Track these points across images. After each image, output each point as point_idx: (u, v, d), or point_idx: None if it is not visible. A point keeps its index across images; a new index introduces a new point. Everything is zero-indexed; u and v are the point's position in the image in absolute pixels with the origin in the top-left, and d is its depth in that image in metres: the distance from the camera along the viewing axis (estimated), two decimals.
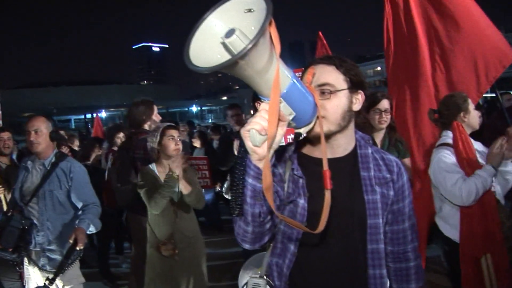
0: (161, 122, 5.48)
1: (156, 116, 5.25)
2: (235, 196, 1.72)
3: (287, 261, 1.99)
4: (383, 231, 2.05)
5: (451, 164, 3.68)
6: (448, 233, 3.81)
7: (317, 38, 8.43)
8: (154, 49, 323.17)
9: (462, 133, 3.69)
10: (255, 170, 1.64)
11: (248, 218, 1.75)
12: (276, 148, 1.58)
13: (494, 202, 3.62)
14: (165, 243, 4.21)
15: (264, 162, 1.51)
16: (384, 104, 4.31)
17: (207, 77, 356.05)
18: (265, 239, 1.91)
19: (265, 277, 2.08)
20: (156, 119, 5.23)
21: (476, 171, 3.55)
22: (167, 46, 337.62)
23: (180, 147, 4.43)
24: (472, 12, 4.48)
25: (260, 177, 1.62)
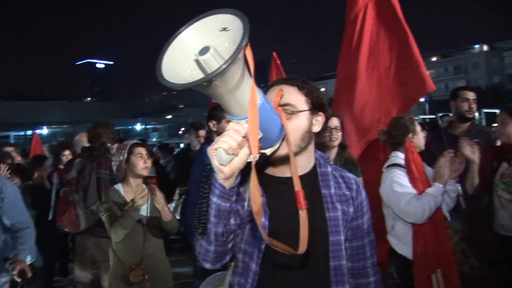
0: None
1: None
2: (199, 214, 1.72)
3: (250, 280, 1.96)
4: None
5: (403, 184, 3.77)
6: (401, 251, 3.88)
7: (271, 59, 8.46)
8: (99, 65, 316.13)
9: (414, 153, 3.80)
10: (221, 189, 1.62)
11: (211, 237, 1.75)
12: (241, 168, 1.58)
13: (443, 218, 3.77)
14: (133, 268, 3.88)
15: (252, 183, 1.50)
16: (334, 121, 4.43)
17: (152, 95, 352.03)
18: (226, 259, 1.90)
19: None
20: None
21: (426, 189, 3.68)
22: (112, 63, 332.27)
23: (149, 166, 4.21)
24: (407, 40, 4.73)
25: (225, 196, 1.63)
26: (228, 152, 1.50)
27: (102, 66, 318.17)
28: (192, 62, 1.46)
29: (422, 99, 4.99)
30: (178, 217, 6.00)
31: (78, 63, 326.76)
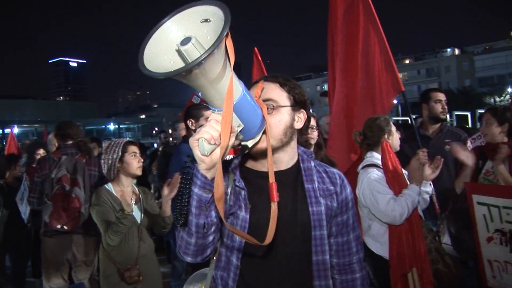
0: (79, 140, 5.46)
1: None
2: (180, 206, 1.72)
3: (232, 274, 1.98)
4: (328, 243, 2.08)
5: (381, 184, 3.80)
6: (379, 251, 3.89)
7: (253, 54, 8.40)
8: (72, 64, 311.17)
9: (390, 153, 3.83)
10: (202, 179, 1.63)
11: (192, 229, 1.74)
12: (224, 159, 1.59)
13: (419, 218, 3.79)
14: (128, 269, 3.77)
15: (217, 171, 1.52)
16: (310, 121, 4.43)
17: (125, 94, 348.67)
18: (207, 252, 1.89)
19: None
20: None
21: (403, 190, 3.71)
22: (85, 62, 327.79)
23: (141, 165, 4.08)
24: (382, 42, 4.81)
25: (206, 186, 1.64)
26: (209, 142, 1.51)
27: (75, 64, 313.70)
28: (174, 53, 1.47)
29: (395, 101, 5.05)
30: None
31: (51, 61, 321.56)
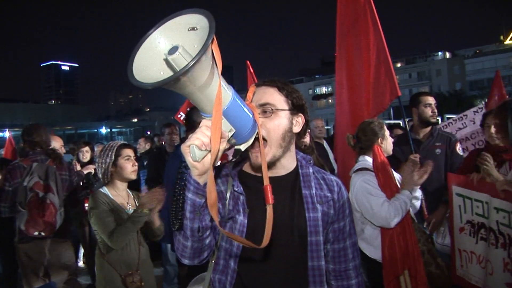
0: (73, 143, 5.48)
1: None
2: (175, 210, 1.74)
3: (229, 277, 2.00)
4: (324, 249, 2.10)
5: (374, 187, 3.80)
6: (372, 254, 3.90)
7: (245, 65, 8.87)
8: (64, 67, 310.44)
9: (381, 156, 3.87)
10: (195, 185, 1.66)
11: (187, 233, 1.78)
12: (216, 164, 1.61)
13: (411, 221, 3.83)
14: (131, 274, 3.69)
15: (209, 177, 1.53)
16: None
17: (117, 98, 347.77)
18: (204, 255, 1.92)
19: None
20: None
21: (396, 195, 3.73)
22: (77, 66, 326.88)
23: (136, 169, 4.00)
24: (382, 45, 4.82)
25: (199, 192, 1.67)
26: (200, 148, 1.53)
27: (67, 68, 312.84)
28: (162, 62, 1.48)
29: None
30: None
31: (42, 65, 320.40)
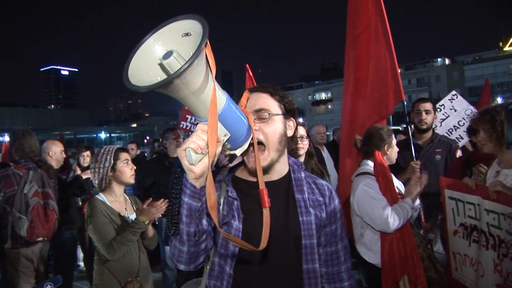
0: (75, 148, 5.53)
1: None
2: (171, 215, 1.73)
3: (225, 282, 2.00)
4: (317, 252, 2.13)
5: (375, 191, 3.81)
6: (371, 259, 3.92)
7: (245, 70, 8.74)
8: (63, 72, 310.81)
9: (382, 161, 3.90)
10: (192, 188, 1.65)
11: (184, 237, 1.77)
12: (211, 167, 1.60)
13: (410, 227, 3.84)
14: (131, 281, 3.61)
15: (208, 180, 1.54)
16: (299, 130, 4.43)
17: (117, 103, 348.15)
18: (200, 260, 1.91)
19: None
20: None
21: (399, 202, 3.76)
22: (77, 70, 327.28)
23: (134, 173, 3.91)
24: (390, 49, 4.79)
25: (196, 195, 1.67)
26: (196, 151, 1.53)
27: (66, 73, 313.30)
28: (158, 68, 1.49)
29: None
30: None
31: (42, 69, 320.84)
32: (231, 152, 1.75)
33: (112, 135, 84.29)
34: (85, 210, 3.83)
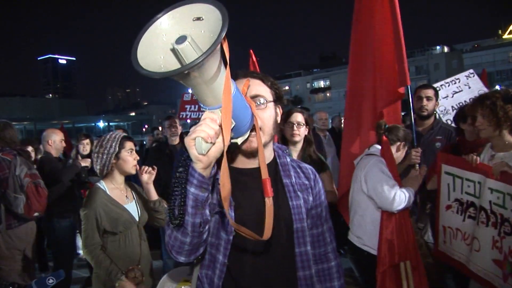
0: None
1: None
2: (173, 207, 1.68)
3: (218, 271, 1.98)
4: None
5: (386, 170, 3.93)
6: (366, 243, 4.00)
7: (248, 55, 8.63)
8: (61, 61, 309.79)
9: (388, 147, 4.04)
10: (200, 179, 1.61)
11: (188, 229, 1.71)
12: (218, 156, 1.59)
13: (409, 214, 3.96)
14: (132, 269, 3.55)
15: (222, 169, 1.54)
16: (297, 117, 4.49)
17: (115, 92, 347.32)
18: (200, 251, 1.87)
19: None
20: None
21: (405, 187, 3.89)
22: (74, 59, 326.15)
23: (136, 163, 3.85)
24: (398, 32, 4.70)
25: (204, 185, 1.63)
26: (206, 140, 1.51)
27: (64, 62, 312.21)
28: (167, 49, 1.46)
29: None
30: None
31: (39, 58, 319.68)
32: (232, 141, 1.71)
33: (110, 124, 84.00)
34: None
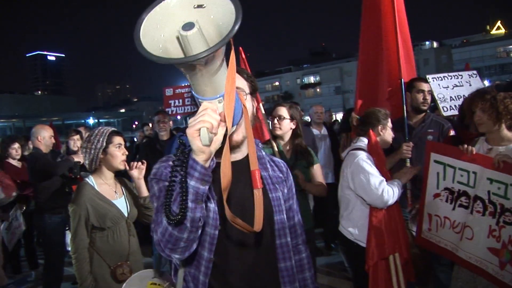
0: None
1: None
2: (169, 202, 1.62)
3: (203, 268, 1.96)
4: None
5: (372, 166, 3.93)
6: (356, 236, 4.03)
7: (238, 52, 8.61)
8: (50, 58, 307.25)
9: (375, 140, 4.09)
10: (202, 171, 1.56)
11: (187, 225, 1.64)
12: (219, 147, 1.58)
13: (399, 207, 4.03)
14: (120, 265, 3.54)
15: (224, 159, 1.53)
16: (279, 111, 4.57)
17: (105, 89, 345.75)
18: (194, 247, 1.80)
19: None
20: None
21: (393, 180, 3.96)
22: (64, 56, 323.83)
23: (125, 158, 3.79)
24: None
25: (206, 178, 1.59)
26: (211, 131, 1.48)
27: (53, 58, 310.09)
28: (172, 34, 1.45)
29: None
30: None
31: (28, 55, 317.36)
32: None
33: (100, 120, 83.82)
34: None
